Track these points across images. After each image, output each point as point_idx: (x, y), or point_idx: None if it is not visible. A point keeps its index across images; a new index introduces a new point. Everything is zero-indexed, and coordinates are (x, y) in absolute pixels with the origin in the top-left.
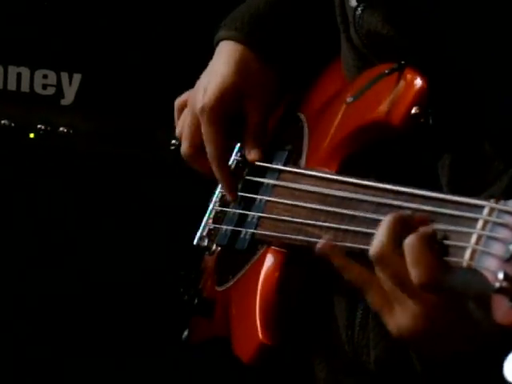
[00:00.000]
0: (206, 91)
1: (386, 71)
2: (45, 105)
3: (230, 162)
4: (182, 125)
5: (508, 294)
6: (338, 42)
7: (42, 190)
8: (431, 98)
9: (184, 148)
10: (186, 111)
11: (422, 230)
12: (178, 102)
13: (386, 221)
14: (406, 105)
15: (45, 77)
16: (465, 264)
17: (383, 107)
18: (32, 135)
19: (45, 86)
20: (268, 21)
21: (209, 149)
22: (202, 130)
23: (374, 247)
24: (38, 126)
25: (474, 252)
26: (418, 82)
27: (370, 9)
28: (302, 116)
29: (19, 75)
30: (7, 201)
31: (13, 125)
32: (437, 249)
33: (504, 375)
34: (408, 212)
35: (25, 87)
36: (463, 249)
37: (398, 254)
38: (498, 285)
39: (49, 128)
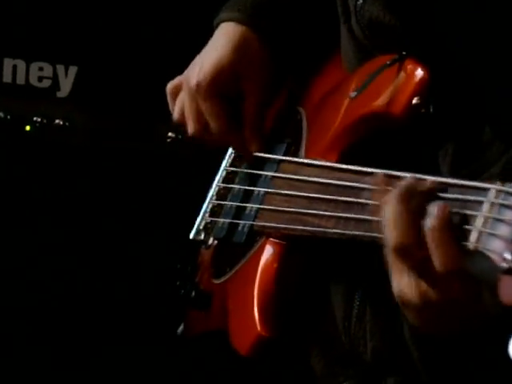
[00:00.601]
0: (201, 67)
1: (388, 62)
2: (41, 97)
3: (226, 157)
4: (181, 107)
5: None
6: (338, 34)
7: (38, 182)
8: (432, 87)
9: (191, 128)
10: (182, 94)
11: (441, 211)
12: (170, 85)
13: (392, 196)
14: (406, 95)
15: (41, 69)
16: (471, 247)
17: (384, 98)
18: (28, 128)
19: (41, 79)
20: (271, 5)
21: (213, 123)
22: (202, 107)
23: (391, 237)
24: (34, 119)
25: (480, 234)
26: (419, 72)
27: None
28: (301, 110)
29: (15, 67)
30: (3, 193)
31: (9, 117)
32: (457, 232)
33: (509, 353)
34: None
35: (20, 80)
36: (468, 231)
37: (417, 240)
38: (505, 265)
39: (45, 120)
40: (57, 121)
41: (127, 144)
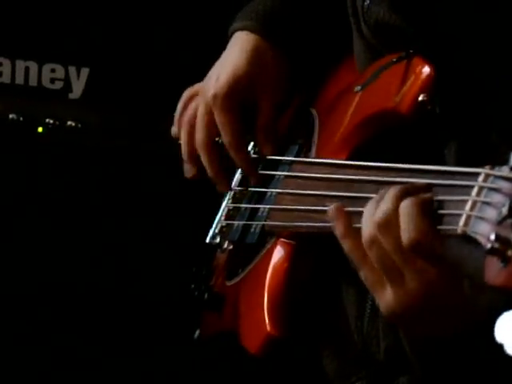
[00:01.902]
0: (218, 79)
1: (394, 60)
2: (53, 99)
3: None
4: (192, 114)
5: (499, 254)
6: (350, 37)
7: (50, 184)
8: (438, 85)
9: (199, 139)
10: (196, 101)
11: (420, 196)
12: (187, 92)
13: (388, 191)
14: (413, 92)
15: (53, 71)
16: (459, 231)
17: (391, 95)
18: (40, 129)
19: (53, 80)
20: (283, 13)
21: (225, 136)
22: (216, 118)
23: (378, 214)
24: (46, 120)
25: (468, 218)
26: (426, 69)
27: None
28: (314, 111)
29: (27, 69)
30: (15, 195)
31: (21, 119)
32: (431, 217)
33: (495, 337)
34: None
35: (33, 81)
36: (458, 216)
37: (396, 221)
38: (489, 245)
39: (57, 122)
40: (69, 122)
41: (140, 145)
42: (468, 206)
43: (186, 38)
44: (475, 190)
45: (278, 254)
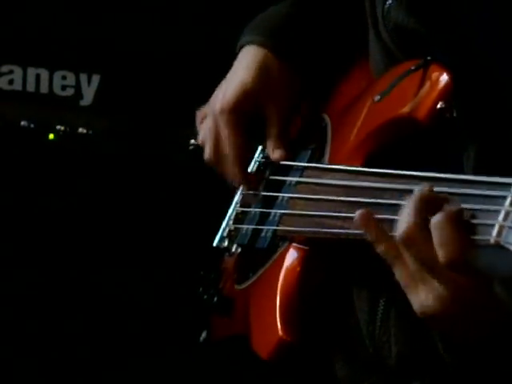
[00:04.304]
0: (225, 94)
1: (412, 67)
2: (64, 106)
3: (251, 164)
4: (204, 133)
5: None
6: (360, 46)
7: (62, 190)
8: (456, 91)
9: (207, 153)
10: (208, 119)
11: (449, 208)
12: (198, 112)
13: (410, 201)
14: (431, 100)
15: (64, 78)
16: (492, 241)
17: (409, 103)
18: (51, 136)
19: (64, 87)
20: (290, 26)
21: (227, 151)
22: (221, 133)
23: (400, 228)
24: (58, 127)
25: (501, 228)
26: (444, 77)
27: (396, 2)
28: (326, 116)
29: (38, 76)
30: (26, 201)
31: (32, 126)
32: (464, 228)
33: None
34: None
35: (44, 88)
36: (491, 226)
37: (425, 235)
38: None
39: (68, 129)
40: (80, 129)
41: (150, 152)
42: (501, 216)
43: (197, 46)
44: (508, 200)
45: (291, 258)
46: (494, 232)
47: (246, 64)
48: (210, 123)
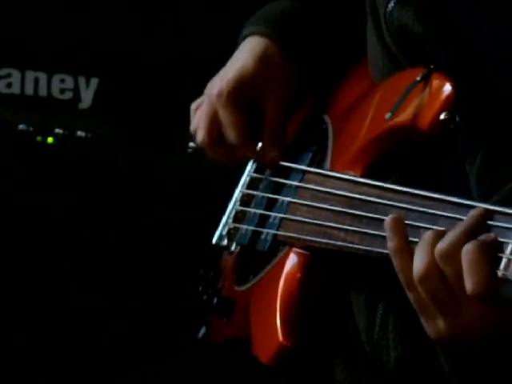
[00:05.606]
0: (223, 78)
1: (418, 79)
2: (62, 109)
3: (243, 178)
4: (198, 117)
5: None
6: (362, 44)
7: (61, 194)
8: (458, 99)
9: (200, 137)
10: (203, 105)
11: (483, 238)
12: (194, 104)
13: (424, 240)
14: (434, 110)
15: (62, 81)
16: (500, 274)
17: (411, 113)
18: (50, 140)
19: (62, 91)
20: (293, 18)
21: (229, 132)
22: (220, 116)
23: (418, 268)
24: (56, 131)
25: (509, 262)
26: (447, 88)
27: (400, 4)
28: (327, 118)
29: (36, 80)
30: (25, 205)
31: (31, 129)
32: (494, 262)
33: None
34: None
35: (42, 92)
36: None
37: (441, 272)
38: None
39: (67, 132)
40: (79, 132)
41: (149, 154)
42: (508, 249)
43: (196, 49)
44: None
45: (291, 263)
46: (502, 265)
47: (246, 52)
48: (205, 108)
